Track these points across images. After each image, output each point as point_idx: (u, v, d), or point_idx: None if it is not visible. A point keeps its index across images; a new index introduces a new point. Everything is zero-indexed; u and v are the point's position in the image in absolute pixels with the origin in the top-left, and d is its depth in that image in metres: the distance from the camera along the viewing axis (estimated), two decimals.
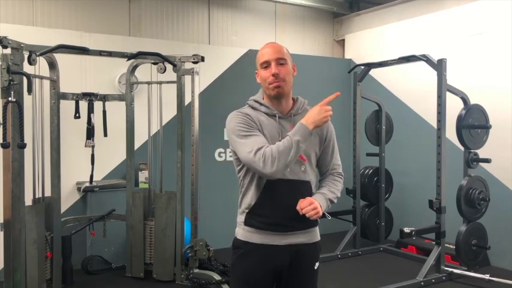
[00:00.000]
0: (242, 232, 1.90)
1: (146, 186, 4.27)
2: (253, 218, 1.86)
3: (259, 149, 1.72)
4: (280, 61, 1.83)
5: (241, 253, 1.89)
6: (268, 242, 1.85)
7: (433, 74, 4.10)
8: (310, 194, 1.86)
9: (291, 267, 1.87)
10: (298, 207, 1.75)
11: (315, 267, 1.93)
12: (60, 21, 4.51)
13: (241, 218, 1.91)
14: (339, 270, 4.42)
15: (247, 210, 1.87)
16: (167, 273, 4.02)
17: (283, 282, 1.89)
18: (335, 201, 1.92)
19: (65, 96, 3.93)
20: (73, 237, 3.98)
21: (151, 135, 4.22)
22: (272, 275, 1.87)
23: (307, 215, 1.73)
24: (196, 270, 3.97)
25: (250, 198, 1.86)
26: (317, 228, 1.96)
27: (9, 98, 3.00)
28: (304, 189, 1.85)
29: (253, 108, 1.91)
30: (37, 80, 3.46)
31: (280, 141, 1.78)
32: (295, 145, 1.71)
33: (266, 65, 1.84)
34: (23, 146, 3.07)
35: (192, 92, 3.99)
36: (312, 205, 1.74)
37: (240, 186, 1.92)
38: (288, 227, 1.85)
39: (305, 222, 1.83)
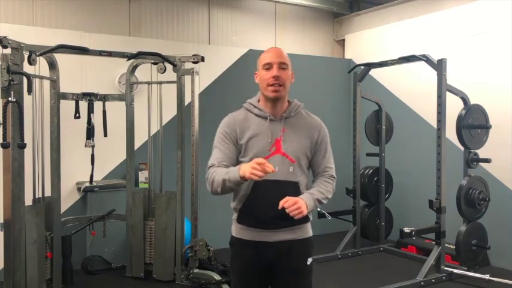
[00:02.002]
0: (235, 229, 2.02)
1: (146, 186, 4.27)
2: (244, 216, 1.96)
3: (210, 167, 1.92)
4: (282, 65, 1.92)
5: (235, 250, 2.02)
6: (258, 239, 1.93)
7: (433, 74, 4.10)
8: (298, 195, 1.89)
9: (283, 263, 1.94)
10: (281, 205, 1.78)
11: (308, 263, 1.98)
12: (60, 21, 4.51)
13: (234, 216, 2.02)
14: (339, 270, 4.42)
15: (239, 208, 1.97)
16: (167, 273, 4.02)
17: (276, 277, 1.96)
18: (324, 201, 1.96)
19: (65, 96, 3.93)
20: (73, 237, 3.98)
21: (151, 135, 4.22)
22: (265, 270, 1.95)
23: (290, 214, 1.78)
24: (196, 270, 3.97)
25: (240, 197, 1.96)
26: (308, 225, 2.01)
27: (9, 98, 3.00)
28: (291, 189, 1.90)
29: (247, 110, 2.01)
30: (37, 80, 3.46)
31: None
32: (222, 183, 1.83)
33: (268, 66, 1.91)
34: (23, 146, 3.07)
35: (192, 92, 3.99)
36: (295, 205, 1.78)
37: None
38: (276, 225, 1.91)
39: (293, 220, 1.86)
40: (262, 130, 1.94)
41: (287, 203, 1.79)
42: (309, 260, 1.99)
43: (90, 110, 4.07)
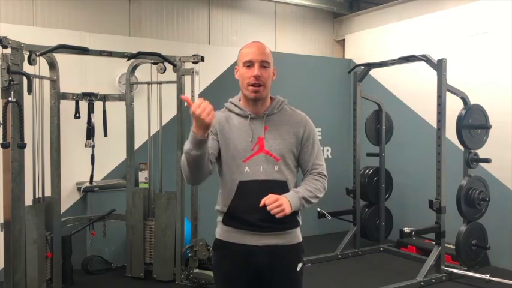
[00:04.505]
0: (221, 232, 1.90)
1: (146, 186, 4.27)
2: (231, 218, 1.86)
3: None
4: (264, 64, 1.82)
5: (221, 254, 1.90)
6: (246, 242, 1.83)
7: (433, 74, 4.10)
8: None
9: (272, 268, 1.84)
10: (262, 202, 1.71)
11: (297, 269, 1.90)
12: (60, 21, 4.51)
13: (220, 218, 1.91)
14: (339, 270, 4.42)
15: (225, 210, 1.87)
16: (167, 273, 4.02)
17: (265, 283, 1.86)
18: (313, 201, 1.86)
19: (65, 96, 3.93)
20: (73, 237, 3.98)
21: (151, 135, 4.23)
22: (253, 276, 1.85)
23: (271, 212, 1.70)
24: (196, 270, 3.97)
25: (226, 198, 1.86)
26: (297, 230, 1.92)
27: (9, 98, 3.01)
28: (278, 189, 1.80)
29: (229, 110, 1.92)
30: (37, 80, 3.46)
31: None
32: (184, 154, 1.71)
33: (249, 64, 1.82)
34: (23, 146, 3.07)
35: (192, 92, 3.99)
36: (277, 202, 1.70)
37: (219, 185, 1.93)
38: (264, 228, 1.82)
39: (282, 224, 1.79)
40: (243, 129, 1.85)
41: (268, 200, 1.70)
42: (299, 266, 1.90)
43: (90, 110, 4.07)
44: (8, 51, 3.06)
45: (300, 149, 1.90)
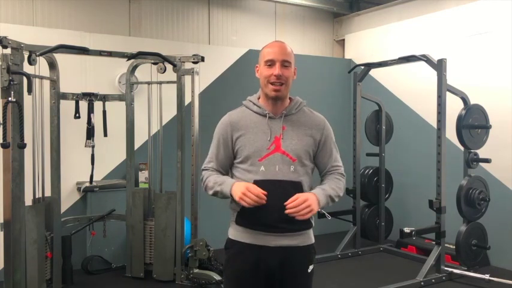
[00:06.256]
0: (233, 232, 1.91)
1: (146, 186, 4.27)
2: (244, 218, 1.85)
3: (205, 169, 1.95)
4: (285, 63, 1.84)
5: (232, 253, 1.91)
6: (258, 243, 1.83)
7: (433, 74, 4.10)
8: None
9: (283, 269, 1.83)
10: (288, 202, 1.70)
11: (309, 270, 1.89)
12: (60, 21, 4.51)
13: (232, 218, 1.91)
14: (339, 270, 4.42)
15: (238, 209, 1.86)
16: (167, 273, 4.02)
17: (275, 284, 1.86)
18: (336, 199, 1.87)
19: (65, 96, 3.93)
20: (73, 237, 3.98)
21: (151, 135, 4.23)
22: (263, 276, 1.84)
23: (299, 213, 1.69)
24: (196, 270, 3.97)
25: None
26: (310, 231, 1.91)
27: (9, 98, 3.00)
28: (293, 190, 1.79)
29: (247, 107, 1.94)
30: (37, 80, 3.46)
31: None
32: (214, 193, 1.87)
33: (270, 63, 1.84)
34: (23, 146, 3.07)
35: (192, 92, 3.99)
36: (305, 203, 1.70)
37: None
38: (278, 228, 1.81)
39: (296, 224, 1.78)
40: (260, 128, 1.85)
41: (296, 201, 1.70)
42: (310, 268, 1.89)
43: (90, 110, 4.07)
44: (8, 51, 3.06)
45: (317, 151, 1.91)
